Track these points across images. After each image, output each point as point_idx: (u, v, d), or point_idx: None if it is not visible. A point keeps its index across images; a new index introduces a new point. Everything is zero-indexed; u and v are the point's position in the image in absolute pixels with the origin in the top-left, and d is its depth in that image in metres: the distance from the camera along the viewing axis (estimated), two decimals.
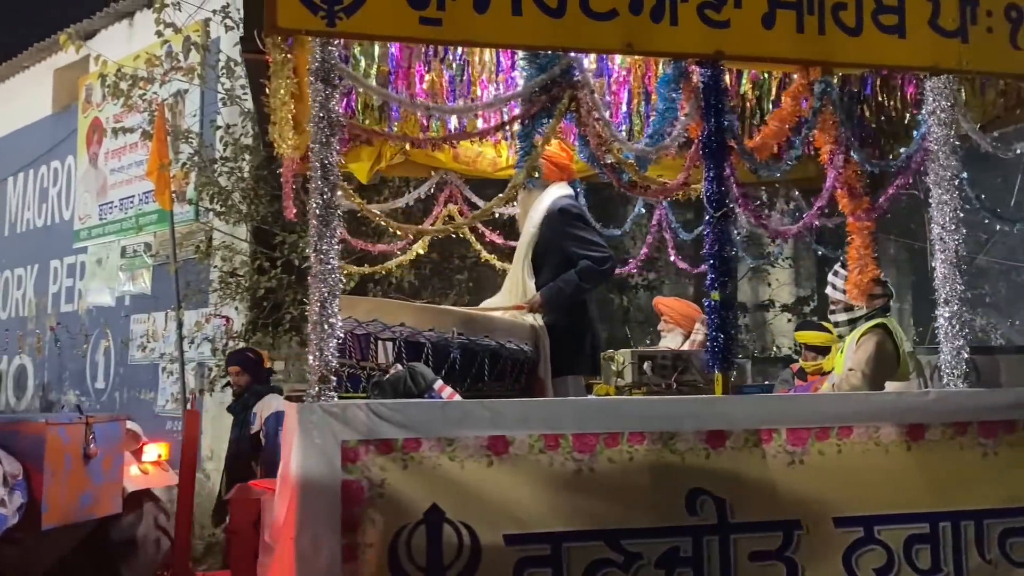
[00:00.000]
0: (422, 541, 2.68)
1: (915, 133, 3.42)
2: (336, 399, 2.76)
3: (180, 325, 7.74)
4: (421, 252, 4.96)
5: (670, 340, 4.80)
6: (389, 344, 3.34)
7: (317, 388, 2.71)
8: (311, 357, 2.70)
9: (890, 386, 3.82)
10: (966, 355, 3.21)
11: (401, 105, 3.31)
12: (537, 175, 2.96)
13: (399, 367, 3.05)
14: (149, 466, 4.48)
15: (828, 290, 4.08)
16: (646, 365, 3.08)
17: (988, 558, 3.09)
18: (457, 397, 3.08)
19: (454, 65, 3.76)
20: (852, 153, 3.24)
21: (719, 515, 2.91)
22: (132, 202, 10.93)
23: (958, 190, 3.25)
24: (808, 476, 2.99)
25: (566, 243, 3.69)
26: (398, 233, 4.30)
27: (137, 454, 4.58)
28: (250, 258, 8.27)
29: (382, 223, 3.28)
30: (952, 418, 3.12)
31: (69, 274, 12.10)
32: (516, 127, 3.38)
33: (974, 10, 3.31)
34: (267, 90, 3.19)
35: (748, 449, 2.96)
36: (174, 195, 7.74)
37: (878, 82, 4.21)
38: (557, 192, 3.85)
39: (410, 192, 5.04)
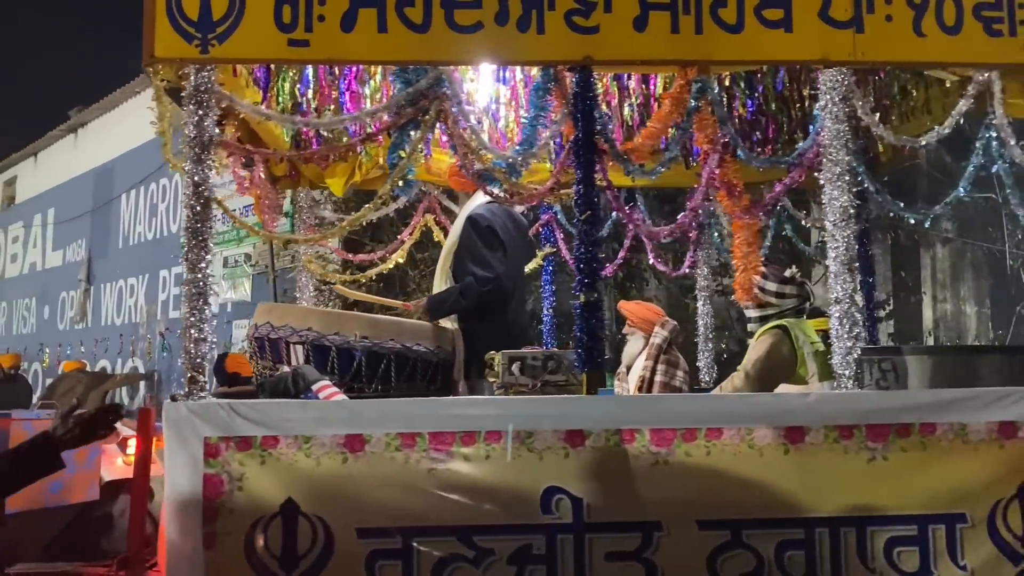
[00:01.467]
0: (278, 532, 2.86)
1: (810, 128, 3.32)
2: (208, 398, 2.99)
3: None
4: (400, 261, 5.16)
5: (633, 343, 4.80)
6: (300, 348, 3.55)
7: (187, 388, 2.95)
8: (180, 360, 2.95)
9: (785, 389, 3.69)
10: (855, 356, 3.09)
11: (272, 119, 3.50)
12: (403, 184, 3.07)
13: (286, 369, 3.25)
14: (133, 458, 4.89)
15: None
16: (515, 366, 3.14)
17: (871, 567, 2.96)
18: (340, 397, 3.25)
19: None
20: (739, 152, 3.18)
21: (575, 514, 2.94)
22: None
23: (852, 186, 3.15)
24: (672, 477, 2.97)
25: (464, 254, 3.79)
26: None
27: (123, 446, 5.05)
28: (341, 267, 8.62)
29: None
30: (835, 421, 3.00)
31: (176, 283, 12.85)
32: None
33: None
34: None
35: (609, 449, 2.97)
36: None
37: (787, 77, 4.08)
38: (478, 200, 3.94)
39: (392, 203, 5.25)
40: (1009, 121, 3.25)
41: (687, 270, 5.28)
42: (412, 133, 3.09)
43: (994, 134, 3.26)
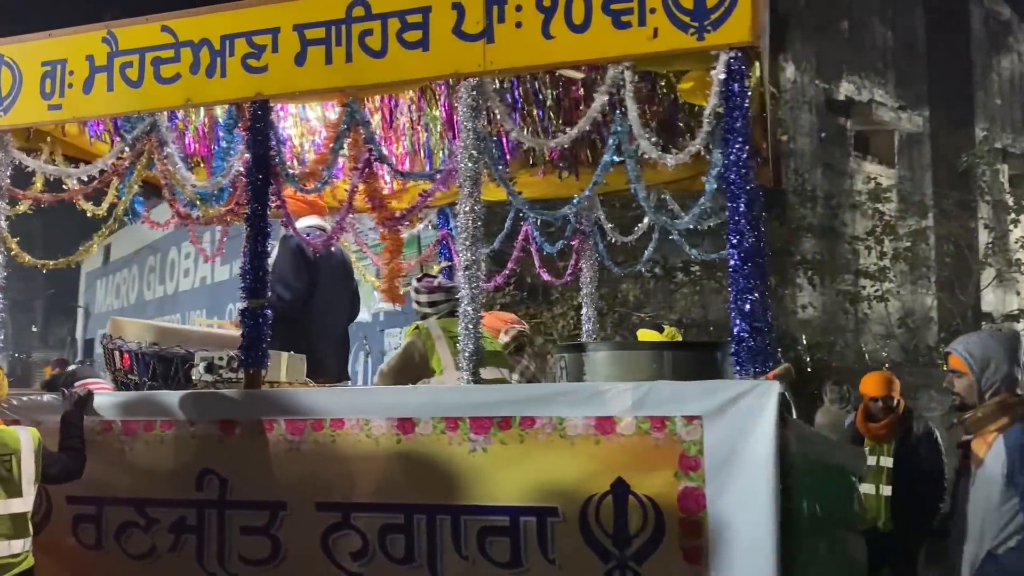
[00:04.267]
0: None
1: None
2: None
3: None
4: None
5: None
6: (119, 354, 4.30)
7: None
8: None
9: (438, 381, 3.76)
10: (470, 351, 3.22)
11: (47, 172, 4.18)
12: (128, 217, 3.67)
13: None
14: None
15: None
16: (202, 364, 3.62)
17: (465, 554, 3.07)
18: (104, 389, 3.92)
19: None
20: (386, 167, 3.43)
21: (220, 492, 3.38)
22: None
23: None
24: (301, 463, 3.30)
25: (274, 272, 4.29)
26: None
27: None
28: (485, 275, 9.44)
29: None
30: (443, 413, 3.16)
31: None
32: None
33: (502, 8, 3.31)
34: None
35: (253, 436, 3.37)
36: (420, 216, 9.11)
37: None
38: (302, 223, 4.45)
39: None
40: (640, 113, 3.18)
41: (568, 279, 5.36)
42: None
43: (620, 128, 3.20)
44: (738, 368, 2.93)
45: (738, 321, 2.93)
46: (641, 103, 3.40)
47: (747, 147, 3.02)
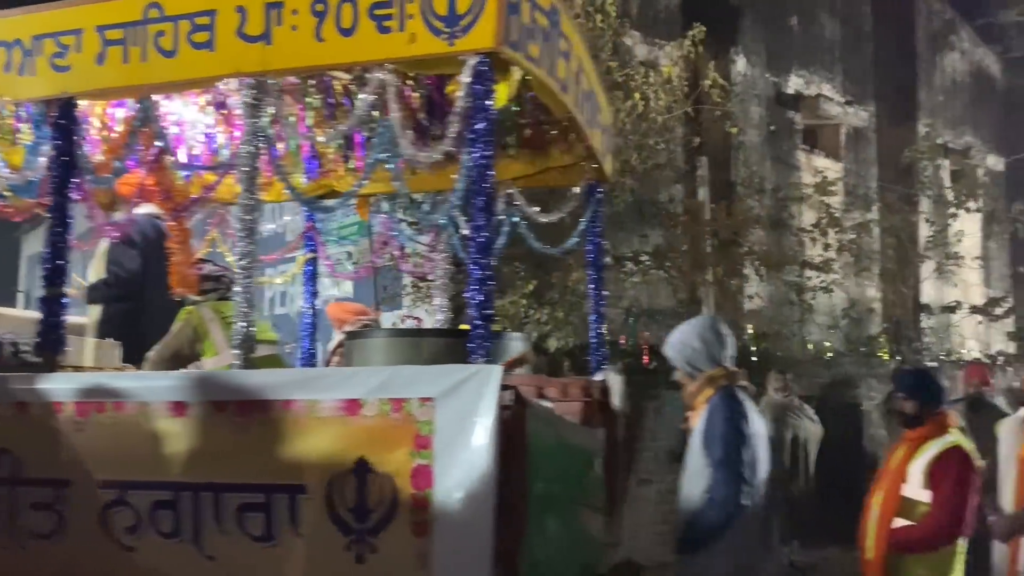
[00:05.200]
0: None
1: None
2: None
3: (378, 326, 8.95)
4: None
5: (335, 338, 5.20)
6: None
7: None
8: None
9: (209, 363, 3.96)
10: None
11: None
12: None
13: None
14: None
15: None
16: (9, 347, 3.81)
17: (225, 529, 3.25)
18: None
19: None
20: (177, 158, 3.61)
21: (12, 470, 3.57)
22: (335, 216, 13.00)
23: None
24: (86, 443, 3.48)
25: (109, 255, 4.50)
26: None
27: None
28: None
29: None
30: (212, 396, 3.34)
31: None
32: None
33: (280, 12, 3.48)
34: None
35: (45, 418, 3.56)
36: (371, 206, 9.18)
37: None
38: (140, 211, 4.65)
39: None
40: (403, 117, 3.36)
41: (427, 272, 5.54)
42: None
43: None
44: (473, 354, 3.12)
45: (473, 311, 3.12)
46: (411, 107, 3.55)
47: (490, 148, 3.19)
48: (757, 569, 3.51)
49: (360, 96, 3.42)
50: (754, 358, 10.64)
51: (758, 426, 3.51)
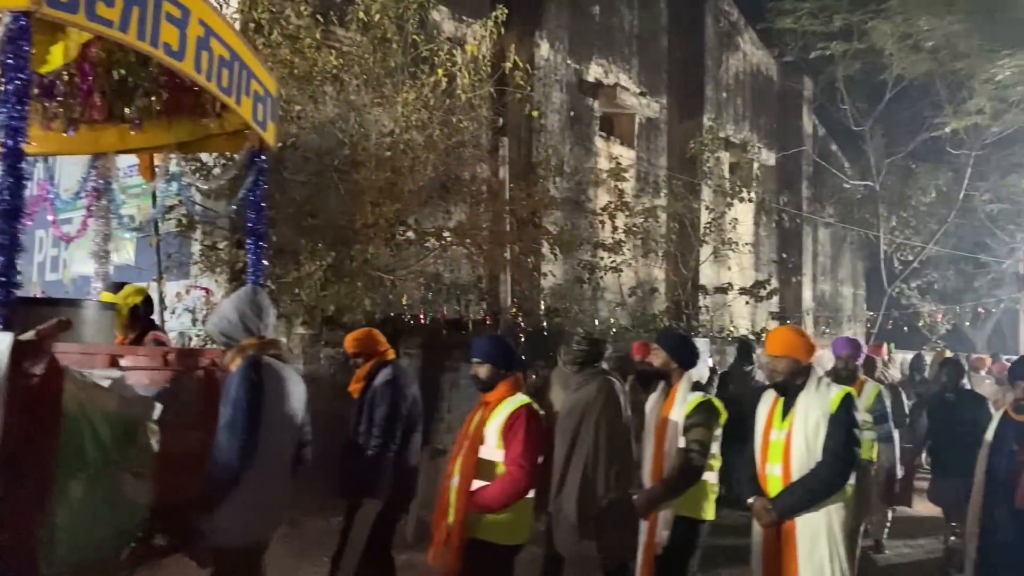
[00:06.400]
0: None
1: None
2: None
3: (162, 296, 7.92)
4: None
5: None
6: None
7: None
8: None
9: None
10: None
11: None
12: None
13: None
14: None
15: None
16: None
17: None
18: None
19: None
20: None
21: None
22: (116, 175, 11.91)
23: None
24: None
25: None
26: None
27: None
28: (229, 232, 8.54)
29: None
30: None
31: (54, 244, 12.31)
32: None
33: None
34: None
35: None
36: (157, 169, 8.24)
37: None
38: None
39: None
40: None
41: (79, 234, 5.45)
42: None
43: None
44: None
45: None
46: None
47: (21, 110, 3.06)
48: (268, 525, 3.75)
49: None
50: (546, 333, 11.12)
51: (287, 391, 3.69)
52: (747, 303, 15.90)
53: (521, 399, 4.08)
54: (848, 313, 21.30)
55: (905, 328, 18.65)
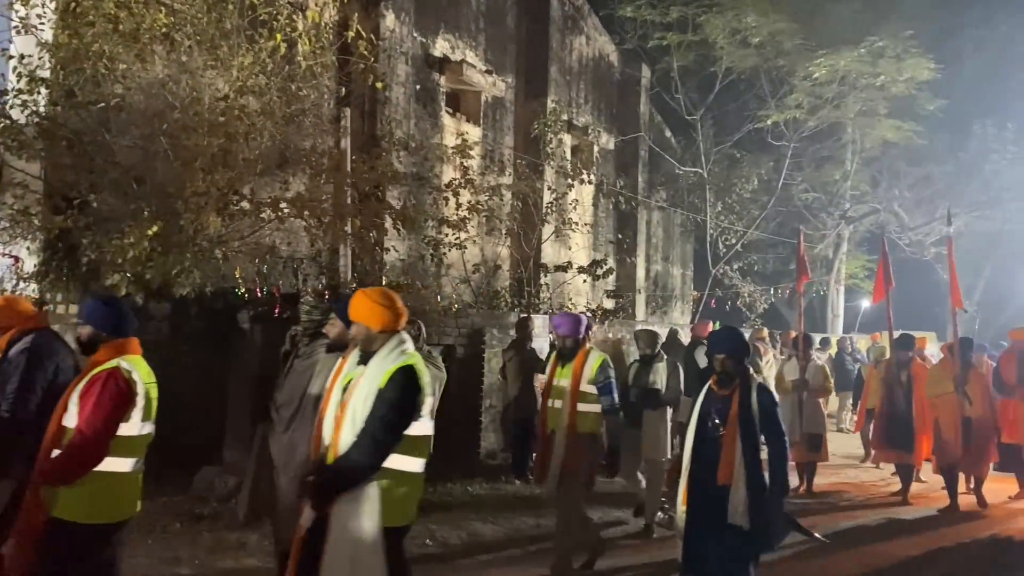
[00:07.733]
0: None
1: None
2: None
3: None
4: None
5: None
6: None
7: None
8: None
9: None
10: None
11: None
12: None
13: None
14: None
15: None
16: None
17: None
18: None
19: None
20: None
21: None
22: None
23: None
24: None
25: None
26: None
27: None
28: (44, 196, 7.96)
29: None
30: None
31: None
32: None
33: None
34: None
35: None
36: None
37: None
38: None
39: None
40: None
41: None
42: None
43: None
44: None
45: None
46: None
47: None
48: None
49: None
50: None
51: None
52: (584, 281, 16.43)
53: (110, 364, 3.74)
54: (677, 292, 22.50)
55: (727, 307, 19.90)
